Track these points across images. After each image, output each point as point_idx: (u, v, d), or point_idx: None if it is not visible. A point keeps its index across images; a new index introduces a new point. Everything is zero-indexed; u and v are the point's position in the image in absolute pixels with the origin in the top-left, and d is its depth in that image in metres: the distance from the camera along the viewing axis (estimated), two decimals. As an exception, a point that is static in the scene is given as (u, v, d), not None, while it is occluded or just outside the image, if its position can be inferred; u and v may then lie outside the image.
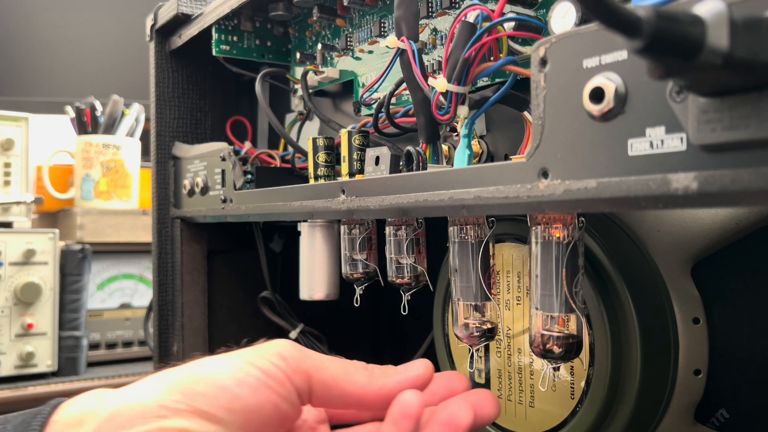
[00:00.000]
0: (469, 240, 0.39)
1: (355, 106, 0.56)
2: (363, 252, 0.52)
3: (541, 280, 0.35)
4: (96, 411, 0.33)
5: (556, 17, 0.34)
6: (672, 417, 0.41)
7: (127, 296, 1.14)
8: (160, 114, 0.72)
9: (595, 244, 0.40)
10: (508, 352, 0.45)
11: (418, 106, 0.41)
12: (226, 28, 0.64)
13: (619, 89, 0.25)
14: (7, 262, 0.95)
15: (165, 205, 0.72)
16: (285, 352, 0.35)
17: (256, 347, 0.35)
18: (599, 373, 0.39)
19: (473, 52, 0.36)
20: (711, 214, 0.40)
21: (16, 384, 0.94)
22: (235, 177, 0.59)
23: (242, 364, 0.34)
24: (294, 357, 0.35)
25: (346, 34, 0.56)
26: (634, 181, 0.25)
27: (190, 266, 0.71)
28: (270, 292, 0.70)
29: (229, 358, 0.35)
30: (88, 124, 1.15)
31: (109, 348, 1.10)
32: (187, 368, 0.34)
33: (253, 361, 0.34)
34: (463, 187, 0.33)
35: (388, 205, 0.39)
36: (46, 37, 1.42)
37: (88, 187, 1.13)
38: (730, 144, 0.21)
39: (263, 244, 0.70)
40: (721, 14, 0.19)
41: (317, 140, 0.50)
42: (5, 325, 0.95)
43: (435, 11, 0.46)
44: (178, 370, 0.34)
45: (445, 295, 0.51)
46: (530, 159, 0.30)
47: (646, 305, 0.39)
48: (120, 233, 1.10)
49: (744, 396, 0.41)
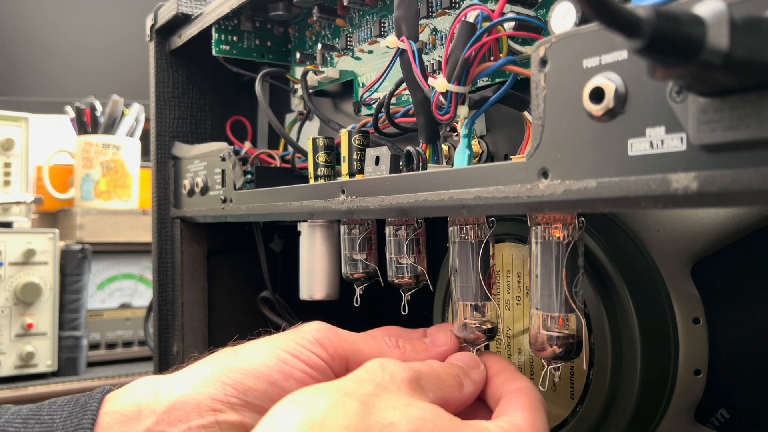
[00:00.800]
0: (469, 240, 0.39)
1: (355, 106, 0.56)
2: (363, 252, 0.52)
3: (541, 280, 0.35)
4: (152, 404, 0.34)
5: (556, 17, 0.34)
6: (672, 417, 0.41)
7: (127, 296, 1.14)
8: (160, 114, 0.72)
9: (595, 244, 0.40)
10: (508, 352, 0.45)
11: (418, 106, 0.41)
12: (226, 28, 0.64)
13: (619, 89, 0.25)
14: (7, 262, 0.95)
15: (165, 205, 0.72)
16: (323, 339, 0.36)
17: (294, 333, 0.37)
18: (599, 373, 0.39)
19: (473, 52, 0.36)
20: (711, 214, 0.40)
21: (16, 384, 0.94)
22: (235, 177, 0.59)
23: (287, 357, 0.35)
24: (332, 343, 0.36)
25: (346, 34, 0.56)
26: (634, 181, 0.25)
27: (190, 266, 0.71)
28: (270, 292, 0.70)
29: (271, 348, 0.36)
30: (88, 124, 1.15)
31: (109, 348, 1.10)
32: (234, 358, 0.36)
33: (296, 353, 0.36)
34: (463, 187, 0.33)
35: (388, 205, 0.39)
36: (46, 37, 1.42)
37: (88, 187, 1.13)
38: (730, 144, 0.21)
39: (263, 244, 0.70)
40: (721, 14, 0.19)
41: (317, 140, 0.50)
42: (5, 325, 0.95)
43: (435, 11, 0.46)
44: (226, 360, 0.36)
45: (445, 295, 0.51)
46: (530, 159, 0.30)
47: (646, 305, 0.39)
48: (120, 233, 1.10)
49: (744, 396, 0.41)
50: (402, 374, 0.31)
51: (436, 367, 0.34)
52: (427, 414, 0.29)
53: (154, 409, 0.34)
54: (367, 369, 0.31)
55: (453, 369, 0.35)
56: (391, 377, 0.31)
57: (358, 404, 0.28)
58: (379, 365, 0.32)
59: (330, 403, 0.28)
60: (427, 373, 0.33)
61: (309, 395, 0.29)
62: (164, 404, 0.34)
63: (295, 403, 0.28)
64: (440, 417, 0.29)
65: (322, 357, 0.36)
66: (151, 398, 0.34)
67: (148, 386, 0.36)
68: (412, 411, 0.29)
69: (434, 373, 0.34)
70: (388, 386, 0.30)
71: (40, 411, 0.36)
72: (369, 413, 0.28)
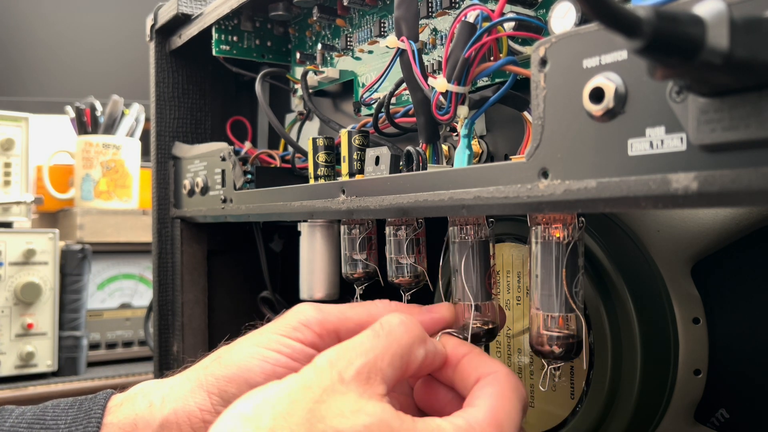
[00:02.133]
0: (469, 240, 0.39)
1: (355, 106, 0.56)
2: (363, 252, 0.52)
3: (541, 280, 0.35)
4: (147, 417, 0.36)
5: (556, 17, 0.34)
6: (672, 417, 0.41)
7: (127, 296, 1.14)
8: (160, 114, 0.72)
9: (595, 244, 0.40)
10: (508, 352, 0.45)
11: (418, 106, 0.41)
12: (226, 28, 0.64)
13: (619, 89, 0.25)
14: (7, 262, 0.95)
15: (165, 205, 0.72)
16: (308, 320, 0.37)
17: (277, 324, 0.37)
18: (599, 373, 0.39)
19: (473, 52, 0.36)
20: (711, 214, 0.40)
21: (16, 384, 0.94)
22: (235, 177, 0.59)
23: (269, 355, 0.35)
24: (318, 321, 0.37)
25: (346, 34, 0.56)
26: (634, 181, 0.25)
27: (190, 266, 0.71)
28: (270, 292, 0.70)
29: (253, 347, 0.36)
30: (88, 124, 1.15)
31: (109, 348, 1.10)
32: (218, 365, 0.36)
33: (277, 348, 0.36)
34: (463, 187, 0.33)
35: (388, 205, 0.39)
36: (46, 37, 1.42)
37: (88, 187, 1.13)
38: (730, 144, 0.21)
39: (263, 244, 0.70)
40: (721, 14, 0.19)
41: (317, 140, 0.50)
42: (5, 325, 0.95)
43: (435, 11, 0.46)
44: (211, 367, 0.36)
45: (445, 295, 0.51)
46: (530, 159, 0.30)
47: (646, 305, 0.39)
48: (120, 233, 1.10)
49: (744, 396, 0.41)
50: (350, 369, 0.30)
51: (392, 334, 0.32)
52: (374, 419, 0.29)
53: (149, 422, 0.36)
54: (316, 367, 0.31)
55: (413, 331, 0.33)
56: (339, 377, 0.30)
57: (303, 413, 0.28)
58: (327, 362, 0.31)
59: (275, 415, 0.28)
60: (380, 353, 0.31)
61: (255, 406, 0.29)
62: (158, 418, 0.35)
63: (241, 417, 0.28)
64: (389, 420, 0.29)
65: (308, 340, 0.36)
66: (146, 411, 0.36)
67: (143, 397, 0.37)
68: (360, 418, 0.28)
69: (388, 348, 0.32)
70: (336, 388, 0.29)
71: (44, 415, 0.37)
72: (313, 424, 0.28)
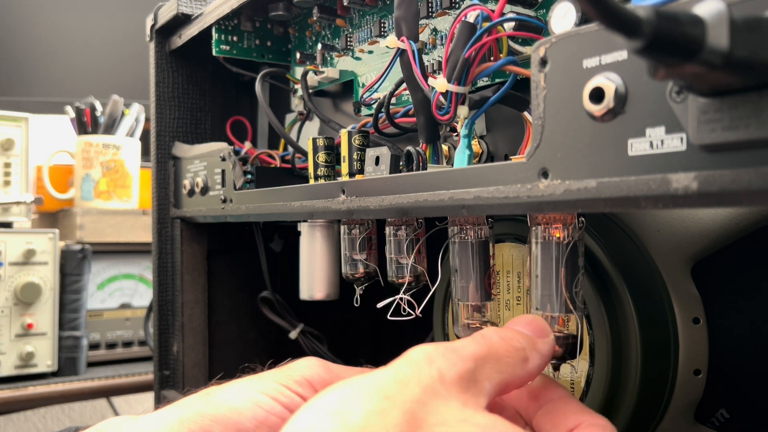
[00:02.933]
0: (469, 240, 0.39)
1: (355, 106, 0.56)
2: (363, 252, 0.52)
3: (541, 280, 0.35)
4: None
5: (556, 17, 0.34)
6: (672, 417, 0.41)
7: (127, 296, 1.14)
8: (160, 114, 0.72)
9: (595, 244, 0.40)
10: (508, 352, 0.45)
11: (418, 106, 0.41)
12: (226, 28, 0.64)
13: (619, 89, 0.25)
14: (7, 262, 0.95)
15: (165, 205, 0.72)
16: (313, 377, 0.34)
17: (279, 372, 0.34)
18: (599, 373, 0.39)
19: (473, 52, 0.36)
20: (711, 214, 0.40)
21: (16, 384, 0.94)
22: (235, 177, 0.59)
23: (264, 401, 0.33)
24: (323, 381, 0.34)
25: (346, 34, 0.56)
26: (634, 181, 0.25)
27: (190, 266, 0.71)
28: (270, 292, 0.70)
29: (248, 391, 0.33)
30: (88, 124, 1.15)
31: (109, 348, 1.10)
32: (206, 403, 0.33)
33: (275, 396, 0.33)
34: (463, 187, 0.33)
35: (388, 205, 0.39)
36: (46, 37, 1.42)
37: (88, 187, 1.13)
38: (730, 144, 0.21)
39: (263, 244, 0.70)
40: (721, 14, 0.19)
41: (317, 140, 0.50)
42: (5, 325, 0.95)
43: (435, 11, 0.46)
44: (197, 404, 0.33)
45: (445, 295, 0.51)
46: (530, 159, 0.30)
47: (646, 305, 0.39)
48: (120, 233, 1.10)
49: (744, 396, 0.41)
50: (453, 371, 0.27)
51: (495, 343, 0.29)
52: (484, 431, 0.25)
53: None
54: (411, 361, 0.27)
55: (516, 341, 0.30)
56: (440, 376, 0.26)
57: (401, 415, 0.24)
58: (426, 357, 0.27)
59: (367, 412, 0.24)
60: (482, 358, 0.28)
61: (343, 400, 0.25)
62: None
63: (328, 409, 0.25)
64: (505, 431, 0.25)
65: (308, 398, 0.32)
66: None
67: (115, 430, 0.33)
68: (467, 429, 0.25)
69: (492, 355, 0.28)
70: (437, 390, 0.25)
71: None
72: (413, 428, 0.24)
